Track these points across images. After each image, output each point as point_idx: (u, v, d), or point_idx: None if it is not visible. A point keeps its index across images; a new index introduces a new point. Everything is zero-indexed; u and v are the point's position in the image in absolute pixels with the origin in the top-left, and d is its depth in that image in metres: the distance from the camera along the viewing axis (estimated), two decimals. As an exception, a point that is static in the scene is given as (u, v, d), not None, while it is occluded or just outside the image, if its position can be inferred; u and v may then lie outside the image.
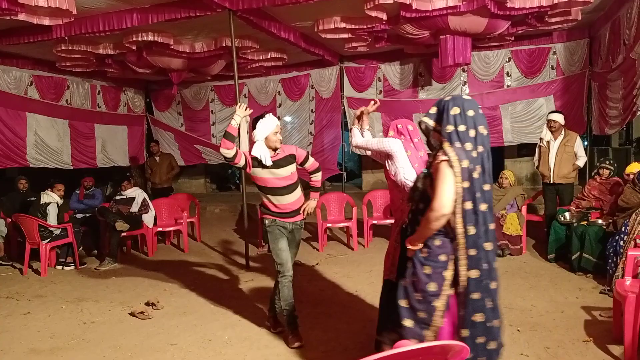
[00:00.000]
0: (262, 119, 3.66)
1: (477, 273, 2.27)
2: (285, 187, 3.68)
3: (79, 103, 9.21)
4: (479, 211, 2.27)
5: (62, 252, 6.34)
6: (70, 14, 5.28)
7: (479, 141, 2.32)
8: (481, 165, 2.30)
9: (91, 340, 3.94)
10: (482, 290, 2.26)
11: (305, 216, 3.84)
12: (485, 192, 2.30)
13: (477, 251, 2.26)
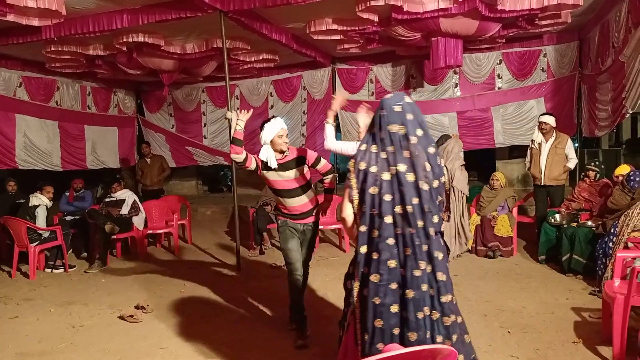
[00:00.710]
0: (268, 122, 3.72)
1: (377, 277, 2.20)
2: (294, 189, 3.71)
3: (69, 104, 9.13)
4: (375, 215, 2.21)
5: (51, 255, 6.28)
6: (59, 14, 5.23)
7: (387, 142, 2.23)
8: (388, 167, 2.22)
9: (80, 344, 3.90)
10: (383, 295, 2.18)
11: (316, 218, 3.87)
12: (397, 196, 2.21)
13: (378, 255, 2.20)
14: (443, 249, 2.27)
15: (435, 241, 2.20)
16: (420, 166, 2.17)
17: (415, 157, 2.18)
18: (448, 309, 2.18)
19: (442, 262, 2.20)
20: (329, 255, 6.52)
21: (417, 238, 2.16)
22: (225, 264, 6.29)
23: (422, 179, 2.16)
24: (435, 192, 2.21)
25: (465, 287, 4.94)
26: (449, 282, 2.22)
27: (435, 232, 2.22)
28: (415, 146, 2.19)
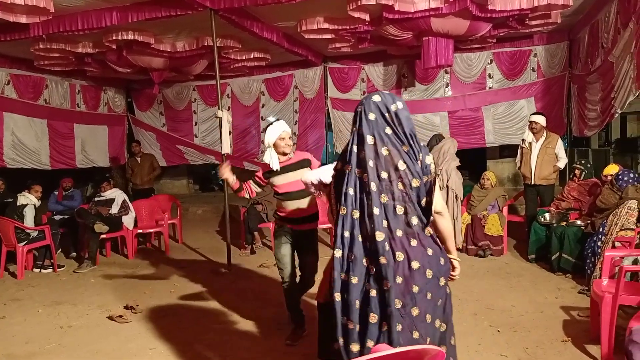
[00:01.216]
0: (271, 125, 3.69)
1: (346, 276, 2.13)
2: (295, 192, 3.66)
3: (58, 102, 9.04)
4: (345, 215, 2.15)
5: (40, 255, 6.22)
6: (48, 12, 5.17)
7: (354, 140, 2.18)
8: (350, 165, 2.15)
9: (68, 345, 3.86)
10: (355, 298, 2.10)
11: (315, 226, 3.85)
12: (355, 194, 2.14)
13: (350, 254, 2.13)
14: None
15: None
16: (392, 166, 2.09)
17: (381, 156, 2.10)
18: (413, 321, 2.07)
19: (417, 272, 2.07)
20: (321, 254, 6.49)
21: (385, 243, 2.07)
22: (216, 263, 6.26)
23: (394, 179, 2.08)
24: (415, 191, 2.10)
25: (455, 286, 4.91)
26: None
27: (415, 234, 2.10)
28: (371, 147, 2.11)
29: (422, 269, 2.06)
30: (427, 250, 2.09)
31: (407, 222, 2.08)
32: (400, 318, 2.01)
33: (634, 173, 4.91)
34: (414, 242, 2.07)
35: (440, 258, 2.15)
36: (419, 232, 2.10)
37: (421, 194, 2.10)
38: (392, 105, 2.14)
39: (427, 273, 2.08)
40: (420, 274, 2.06)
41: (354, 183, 2.13)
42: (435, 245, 2.16)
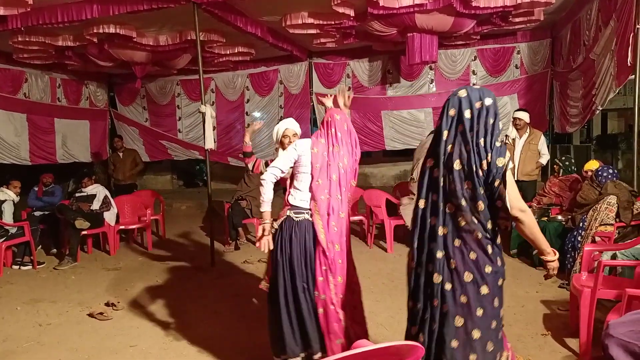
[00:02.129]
0: (278, 124, 3.73)
1: (419, 268, 2.24)
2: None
3: (38, 97, 8.88)
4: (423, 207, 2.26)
5: (19, 251, 6.09)
6: (26, 4, 5.09)
7: (435, 134, 2.26)
8: (430, 159, 2.26)
9: (47, 343, 3.79)
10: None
11: None
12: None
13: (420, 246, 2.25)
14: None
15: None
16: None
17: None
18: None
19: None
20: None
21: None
22: (199, 259, 6.21)
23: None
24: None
25: (438, 281, 4.98)
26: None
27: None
28: (444, 143, 2.15)
29: (458, 270, 2.08)
30: (469, 253, 2.09)
31: (454, 222, 2.10)
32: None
33: (613, 169, 4.98)
34: (457, 242, 2.10)
35: (485, 265, 2.10)
36: (464, 234, 2.09)
37: (478, 197, 2.06)
38: (477, 102, 2.11)
39: (465, 276, 2.09)
40: (457, 275, 2.08)
41: (429, 177, 2.18)
42: (480, 250, 2.10)
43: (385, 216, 6.30)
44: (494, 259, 2.12)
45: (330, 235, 2.83)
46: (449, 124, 2.14)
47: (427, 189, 2.19)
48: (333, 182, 2.89)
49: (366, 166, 10.85)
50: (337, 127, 2.95)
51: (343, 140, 2.95)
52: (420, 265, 2.19)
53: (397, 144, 9.18)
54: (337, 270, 2.83)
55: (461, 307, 2.09)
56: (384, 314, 4.04)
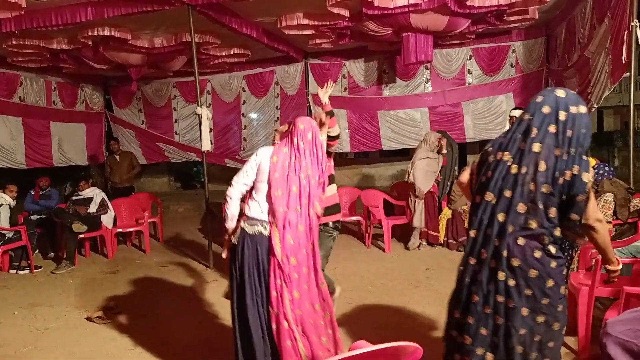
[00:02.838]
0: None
1: (473, 260, 2.29)
2: None
3: (33, 100, 8.84)
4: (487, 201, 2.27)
5: (16, 256, 6.08)
6: (19, 7, 5.04)
7: (520, 129, 2.22)
8: (505, 152, 2.24)
9: (44, 347, 3.78)
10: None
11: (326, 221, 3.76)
12: None
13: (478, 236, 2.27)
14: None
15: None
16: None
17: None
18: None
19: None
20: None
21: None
22: (197, 261, 6.20)
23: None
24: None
25: (436, 280, 4.99)
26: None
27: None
28: (531, 139, 2.09)
29: (522, 268, 2.07)
30: (532, 252, 2.08)
31: (524, 221, 2.08)
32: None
33: (609, 167, 4.99)
34: (522, 241, 2.08)
35: (550, 262, 2.09)
36: (530, 235, 2.08)
37: (550, 203, 2.05)
38: (573, 107, 2.07)
39: (530, 272, 2.08)
40: (521, 272, 2.07)
41: (502, 170, 2.13)
42: (544, 251, 2.09)
43: (382, 216, 6.30)
44: (557, 254, 2.11)
45: (286, 248, 2.69)
46: (541, 121, 2.08)
47: (500, 184, 2.13)
48: (292, 194, 2.74)
49: (363, 166, 10.85)
50: (299, 137, 2.82)
51: (306, 150, 2.81)
52: (481, 262, 2.18)
53: (394, 143, 9.17)
54: (293, 285, 2.68)
55: (526, 299, 2.10)
56: (382, 314, 4.04)
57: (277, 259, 2.67)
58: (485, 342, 2.18)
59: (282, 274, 2.67)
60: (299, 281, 2.71)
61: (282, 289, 2.67)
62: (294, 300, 2.69)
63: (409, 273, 5.28)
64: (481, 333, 2.18)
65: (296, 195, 2.75)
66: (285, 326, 2.66)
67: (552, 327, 2.15)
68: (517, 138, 2.14)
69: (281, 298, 2.67)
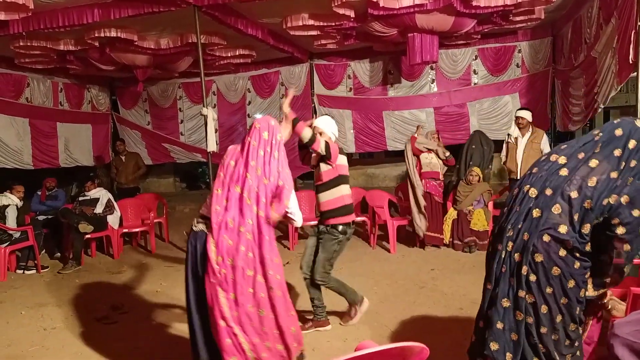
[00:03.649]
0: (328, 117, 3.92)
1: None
2: (319, 185, 3.79)
3: (40, 101, 8.89)
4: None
5: (23, 256, 6.12)
6: (27, 8, 5.09)
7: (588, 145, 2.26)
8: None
9: (51, 347, 3.80)
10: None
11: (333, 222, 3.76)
12: None
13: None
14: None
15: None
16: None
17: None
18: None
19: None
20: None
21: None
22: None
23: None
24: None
25: (441, 281, 4.98)
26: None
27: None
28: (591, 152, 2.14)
29: (542, 266, 2.09)
30: (557, 250, 2.08)
31: (556, 223, 2.09)
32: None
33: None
34: (547, 238, 2.10)
35: (574, 262, 2.10)
36: (558, 239, 2.09)
37: (587, 219, 2.06)
38: None
39: (553, 270, 2.09)
40: (543, 268, 2.09)
41: (550, 169, 2.16)
42: (570, 254, 2.10)
43: (387, 217, 6.29)
44: (583, 257, 2.11)
45: (221, 248, 2.62)
46: (608, 141, 2.10)
47: (544, 181, 2.15)
48: (233, 194, 2.67)
49: (368, 167, 10.84)
50: (253, 136, 2.75)
51: (259, 150, 2.71)
52: (509, 254, 2.18)
53: (399, 144, 9.15)
54: (229, 286, 2.62)
55: (547, 297, 2.11)
56: (387, 314, 4.03)
57: (210, 258, 2.63)
58: (503, 338, 2.18)
59: (214, 275, 2.62)
60: (239, 283, 2.62)
61: (216, 289, 2.62)
62: (230, 300, 2.63)
63: (414, 274, 5.27)
64: (497, 327, 2.18)
65: (238, 196, 2.66)
66: (222, 324, 2.62)
67: (569, 327, 2.14)
68: (578, 147, 2.16)
69: (215, 297, 2.62)
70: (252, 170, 2.68)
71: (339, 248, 3.80)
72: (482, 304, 2.34)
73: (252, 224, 2.65)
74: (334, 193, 3.73)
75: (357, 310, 3.86)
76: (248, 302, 2.65)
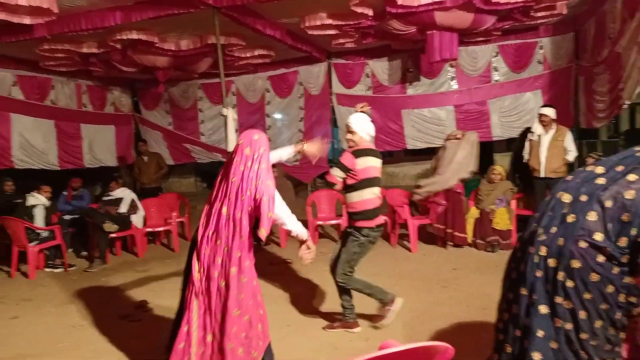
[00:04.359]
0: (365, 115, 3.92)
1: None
2: (346, 188, 3.79)
3: (65, 103, 9.09)
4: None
5: (51, 255, 6.28)
6: (51, 12, 5.20)
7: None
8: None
9: (78, 344, 3.90)
10: None
11: (351, 224, 3.80)
12: None
13: None
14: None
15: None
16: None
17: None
18: None
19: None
20: (328, 250, 6.48)
21: None
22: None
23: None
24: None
25: (464, 280, 4.95)
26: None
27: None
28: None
29: (579, 272, 2.04)
30: (595, 255, 2.04)
31: (592, 230, 2.04)
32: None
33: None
34: (584, 244, 2.05)
35: (612, 268, 2.04)
36: (594, 245, 2.05)
37: (623, 231, 2.01)
38: None
39: (591, 276, 2.03)
40: (577, 275, 2.04)
41: (587, 177, 2.14)
42: (608, 260, 2.05)
43: (408, 216, 6.27)
44: (621, 261, 2.04)
45: (203, 259, 2.82)
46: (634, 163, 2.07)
47: (580, 187, 2.14)
48: (215, 209, 2.83)
49: (388, 165, 10.80)
50: (237, 153, 2.86)
51: (240, 166, 2.80)
52: (543, 259, 2.13)
53: (419, 142, 9.12)
54: (204, 295, 2.80)
55: (586, 302, 2.05)
56: (408, 314, 4.02)
57: (192, 268, 2.83)
58: (544, 347, 2.11)
59: (193, 282, 2.81)
60: (215, 292, 2.78)
61: (191, 296, 2.81)
62: (202, 308, 2.80)
63: (436, 273, 5.25)
64: (538, 336, 2.11)
65: (217, 211, 2.82)
66: (184, 330, 2.79)
67: (607, 330, 2.11)
68: (618, 160, 2.12)
69: (189, 303, 2.81)
70: (233, 186, 2.79)
71: (360, 251, 3.75)
72: (518, 312, 2.21)
73: (227, 237, 2.79)
74: (357, 196, 3.73)
75: (389, 310, 3.76)
76: (220, 312, 2.79)
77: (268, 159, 2.87)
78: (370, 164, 3.74)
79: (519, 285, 2.21)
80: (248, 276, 2.79)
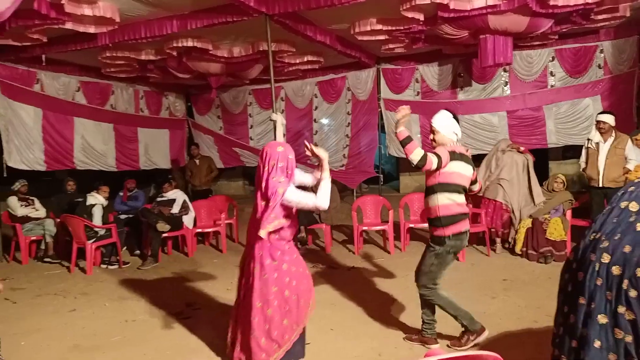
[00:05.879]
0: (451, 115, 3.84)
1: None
2: (426, 189, 3.67)
3: (123, 108, 9.52)
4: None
5: (107, 252, 6.56)
6: (113, 22, 5.50)
7: None
8: None
9: (132, 338, 4.05)
10: None
11: (433, 233, 3.60)
12: None
13: None
14: None
15: None
16: None
17: None
18: None
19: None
20: (374, 256, 6.48)
21: None
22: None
23: None
24: None
25: (514, 292, 4.79)
26: None
27: None
28: None
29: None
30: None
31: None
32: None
33: None
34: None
35: None
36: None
37: None
38: None
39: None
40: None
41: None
42: None
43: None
44: None
45: (244, 257, 3.45)
46: None
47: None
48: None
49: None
50: (263, 161, 3.25)
51: (263, 174, 3.20)
52: (605, 266, 2.06)
53: (470, 148, 8.90)
54: (244, 288, 3.37)
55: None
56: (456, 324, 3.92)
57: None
58: (601, 358, 2.02)
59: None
60: (243, 286, 3.37)
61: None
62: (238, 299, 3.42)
63: (485, 283, 5.10)
64: (595, 346, 2.03)
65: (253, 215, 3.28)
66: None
67: None
68: None
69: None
70: (259, 188, 3.22)
71: (437, 262, 3.51)
72: (575, 322, 2.12)
73: (251, 235, 3.31)
74: (431, 201, 3.56)
75: (470, 340, 3.49)
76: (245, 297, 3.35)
77: (278, 171, 3.14)
78: (453, 169, 3.52)
79: (577, 295, 2.13)
80: (269, 273, 3.16)
